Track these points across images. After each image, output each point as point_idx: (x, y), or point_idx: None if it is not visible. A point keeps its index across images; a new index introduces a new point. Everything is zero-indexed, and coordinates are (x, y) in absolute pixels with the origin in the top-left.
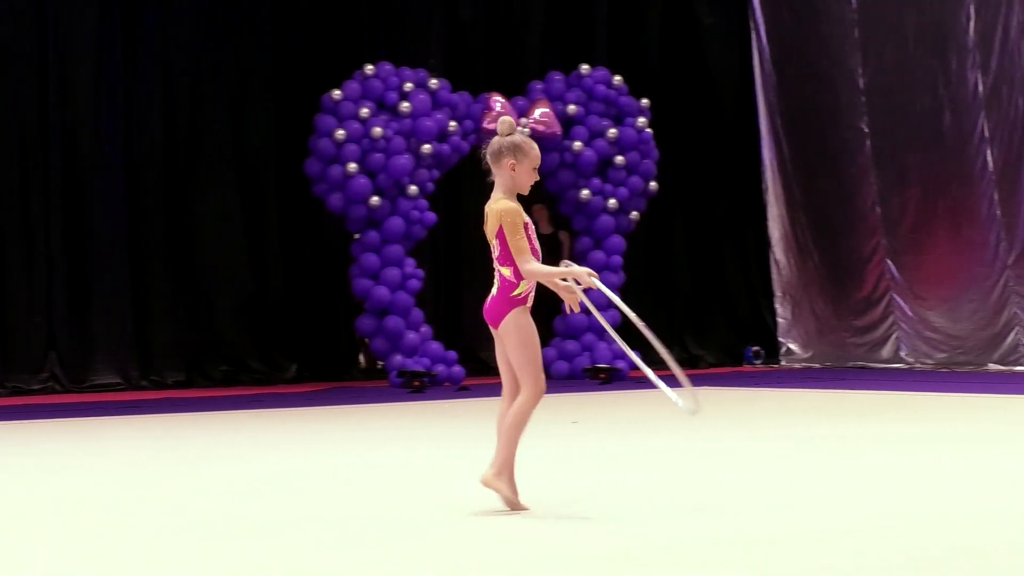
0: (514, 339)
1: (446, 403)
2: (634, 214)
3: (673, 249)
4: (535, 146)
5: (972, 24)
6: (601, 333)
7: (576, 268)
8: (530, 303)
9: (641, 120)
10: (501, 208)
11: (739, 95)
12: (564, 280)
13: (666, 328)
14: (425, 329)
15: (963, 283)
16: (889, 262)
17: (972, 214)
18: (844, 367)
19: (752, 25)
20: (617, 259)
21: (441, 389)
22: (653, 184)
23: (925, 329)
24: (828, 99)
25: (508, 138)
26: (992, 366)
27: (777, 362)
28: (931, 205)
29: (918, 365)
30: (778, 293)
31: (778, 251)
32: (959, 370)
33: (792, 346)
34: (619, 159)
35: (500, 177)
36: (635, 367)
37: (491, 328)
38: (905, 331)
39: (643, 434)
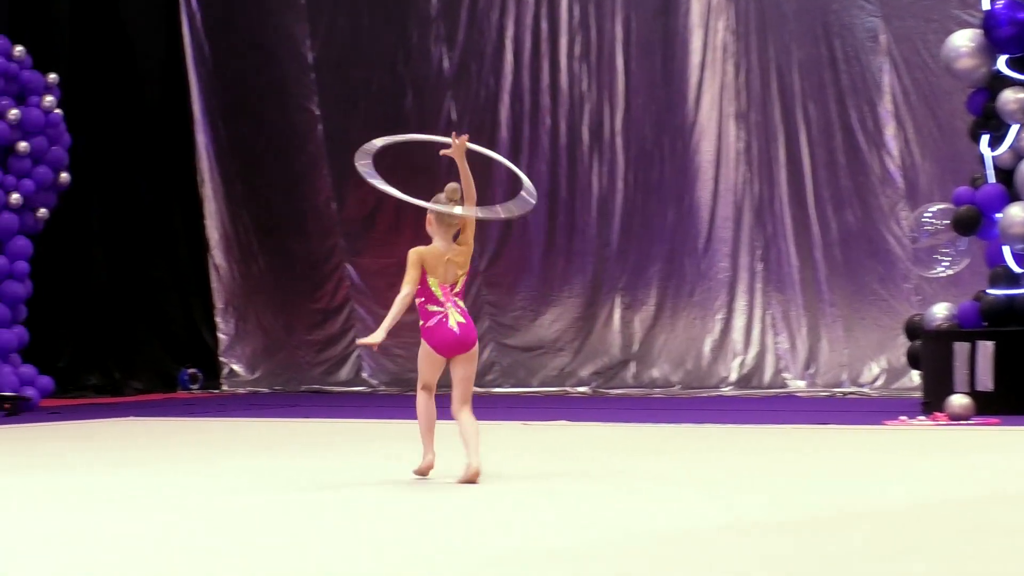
0: (475, 358)
1: None
2: (43, 211)
3: (91, 253)
4: None
5: None
6: (6, 356)
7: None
8: None
9: (49, 99)
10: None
11: (167, 69)
12: None
13: (84, 349)
14: None
15: None
16: (348, 267)
17: None
18: (297, 391)
19: None
20: (23, 265)
21: None
22: (65, 175)
23: (392, 345)
24: (273, 75)
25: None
26: None
27: (218, 387)
28: (394, 201)
29: (382, 389)
30: (219, 305)
31: (218, 255)
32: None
33: (236, 367)
34: (23, 145)
35: (443, 230)
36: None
37: (453, 352)
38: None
39: (53, 471)
